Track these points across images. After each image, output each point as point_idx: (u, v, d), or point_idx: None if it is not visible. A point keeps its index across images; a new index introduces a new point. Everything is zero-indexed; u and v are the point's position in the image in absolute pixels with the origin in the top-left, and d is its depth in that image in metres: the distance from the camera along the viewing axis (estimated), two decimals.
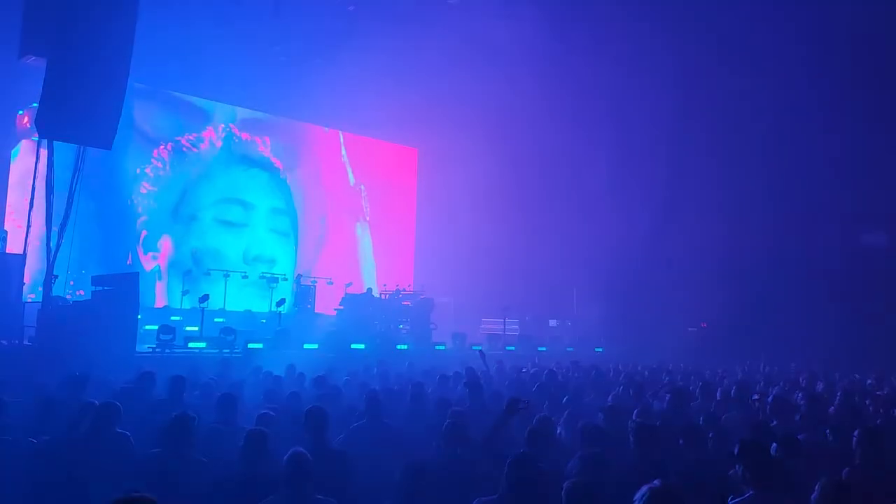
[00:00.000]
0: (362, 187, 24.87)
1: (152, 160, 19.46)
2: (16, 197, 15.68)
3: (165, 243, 19.44)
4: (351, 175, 24.60)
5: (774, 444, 4.82)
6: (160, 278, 19.20)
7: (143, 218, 19.08)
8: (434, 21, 17.31)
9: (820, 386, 10.98)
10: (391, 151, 25.38)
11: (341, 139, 24.43)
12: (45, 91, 10.23)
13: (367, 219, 24.85)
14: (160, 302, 18.93)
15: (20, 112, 16.31)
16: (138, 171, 19.11)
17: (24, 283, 11.96)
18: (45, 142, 10.82)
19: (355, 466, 5.07)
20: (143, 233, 19.02)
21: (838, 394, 9.24)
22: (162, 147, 19.70)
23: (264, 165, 21.91)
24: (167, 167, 19.76)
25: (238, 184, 21.22)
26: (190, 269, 18.42)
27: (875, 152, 18.02)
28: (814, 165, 18.74)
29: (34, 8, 10.60)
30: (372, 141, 24.67)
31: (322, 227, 23.24)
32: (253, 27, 16.90)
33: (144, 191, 19.16)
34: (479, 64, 18.58)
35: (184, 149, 20.21)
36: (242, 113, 21.54)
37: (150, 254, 19.09)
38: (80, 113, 10.33)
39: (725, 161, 19.93)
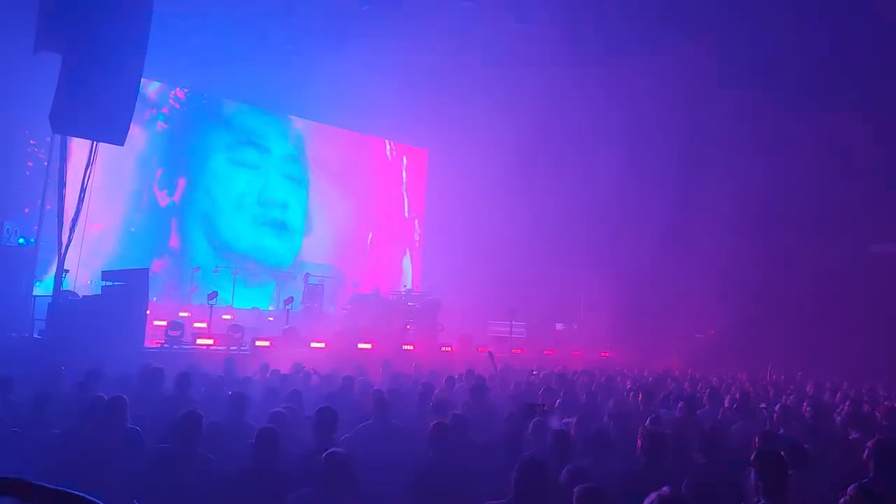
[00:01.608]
0: (416, 221, 25.66)
1: (168, 101, 19.73)
2: None
3: (181, 181, 19.79)
4: (407, 207, 25.26)
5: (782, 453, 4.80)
6: (175, 214, 19.59)
7: (158, 157, 19.37)
8: (446, 22, 17.30)
9: (827, 395, 10.95)
10: (402, 151, 25.42)
11: (404, 163, 25.28)
12: (59, 86, 10.29)
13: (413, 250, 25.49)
14: (174, 240, 19.35)
15: None
16: (155, 111, 19.36)
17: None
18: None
19: (360, 467, 5.07)
20: (159, 171, 19.31)
21: (846, 403, 9.21)
22: (178, 89, 19.92)
23: (278, 114, 22.15)
24: (184, 108, 20.05)
25: (253, 128, 21.56)
26: (199, 266, 18.46)
27: (886, 160, 17.97)
28: (823, 173, 18.68)
29: (49, 4, 10.65)
30: (383, 141, 24.72)
31: (366, 249, 23.72)
32: (265, 26, 16.92)
33: (160, 129, 19.41)
34: (491, 66, 18.58)
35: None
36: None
37: (165, 191, 19.43)
38: (93, 109, 10.39)
39: (736, 166, 19.86)
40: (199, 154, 20.29)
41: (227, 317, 15.80)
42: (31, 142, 15.79)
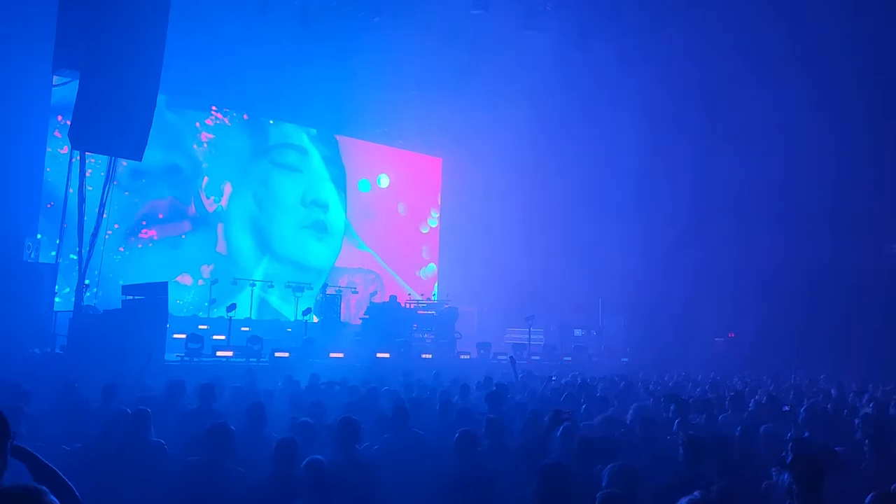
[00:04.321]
0: (434, 229, 25.71)
1: (212, 113, 20.21)
2: None
3: (227, 187, 20.31)
4: (423, 215, 25.35)
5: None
6: (221, 220, 20.10)
7: (204, 164, 19.91)
8: (459, 30, 17.36)
9: (851, 397, 10.80)
10: (416, 160, 25.42)
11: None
12: (78, 104, 10.41)
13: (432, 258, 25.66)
14: (221, 245, 19.89)
15: None
16: (198, 124, 19.87)
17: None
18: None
19: (385, 477, 5.06)
20: (205, 179, 19.83)
21: (871, 405, 9.09)
22: (220, 108, 20.49)
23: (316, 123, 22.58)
24: (226, 118, 20.57)
25: (291, 133, 22.10)
26: (217, 280, 18.57)
27: None
28: (846, 174, 18.47)
29: (67, 22, 10.80)
30: (397, 150, 24.74)
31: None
32: (279, 40, 17.04)
33: (205, 139, 19.97)
34: (504, 73, 18.59)
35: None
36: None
37: (212, 198, 19.97)
38: (111, 125, 10.50)
39: (754, 170, 19.72)
40: (244, 158, 20.78)
41: (246, 329, 15.87)
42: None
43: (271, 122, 21.52)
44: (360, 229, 23.30)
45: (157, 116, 11.46)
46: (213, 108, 20.05)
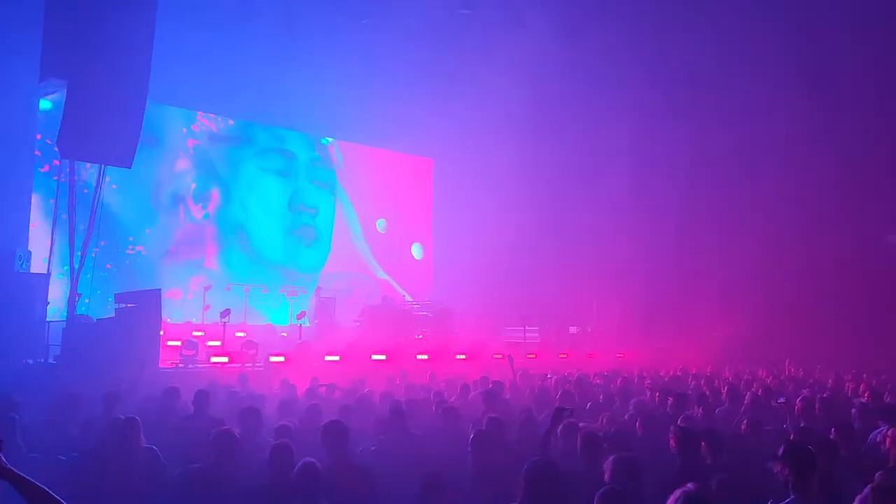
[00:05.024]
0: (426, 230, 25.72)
1: (197, 118, 20.23)
2: None
3: (214, 193, 20.29)
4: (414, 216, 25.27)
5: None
6: (210, 226, 20.14)
7: (192, 173, 19.90)
8: (448, 31, 17.35)
9: (848, 387, 10.86)
10: (406, 162, 25.37)
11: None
12: (66, 112, 10.37)
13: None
14: (210, 253, 19.80)
15: None
16: (184, 130, 19.84)
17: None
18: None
19: (379, 479, 5.04)
20: (192, 185, 19.82)
21: (866, 394, 9.14)
22: (206, 113, 20.48)
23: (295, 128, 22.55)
24: (212, 124, 20.61)
25: (279, 136, 22.08)
26: (211, 285, 18.51)
27: None
28: (844, 166, 18.49)
29: (54, 31, 10.75)
30: (387, 152, 24.70)
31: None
32: (265, 43, 17.00)
33: (191, 146, 19.92)
34: (495, 73, 18.58)
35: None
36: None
37: (200, 204, 19.95)
38: (100, 133, 10.47)
39: (750, 163, 19.74)
40: (230, 163, 20.75)
41: (241, 334, 15.82)
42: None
43: (258, 126, 21.48)
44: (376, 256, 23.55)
45: (145, 124, 11.42)
46: (200, 113, 19.99)
